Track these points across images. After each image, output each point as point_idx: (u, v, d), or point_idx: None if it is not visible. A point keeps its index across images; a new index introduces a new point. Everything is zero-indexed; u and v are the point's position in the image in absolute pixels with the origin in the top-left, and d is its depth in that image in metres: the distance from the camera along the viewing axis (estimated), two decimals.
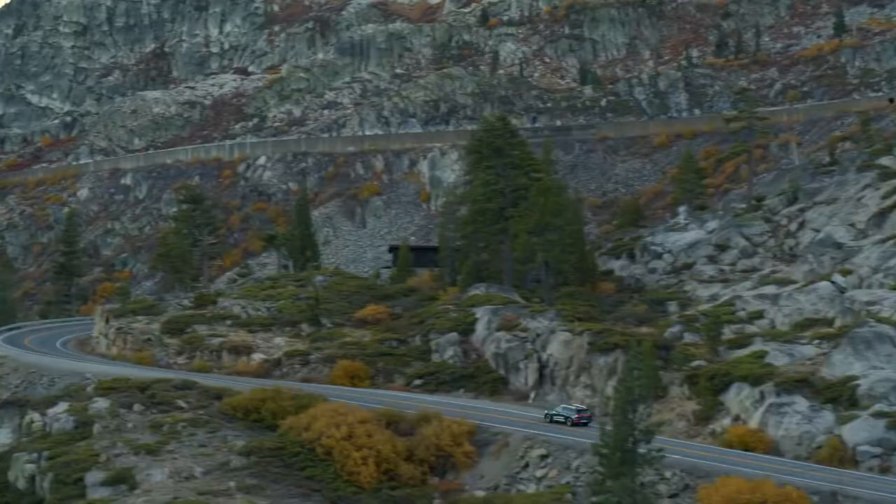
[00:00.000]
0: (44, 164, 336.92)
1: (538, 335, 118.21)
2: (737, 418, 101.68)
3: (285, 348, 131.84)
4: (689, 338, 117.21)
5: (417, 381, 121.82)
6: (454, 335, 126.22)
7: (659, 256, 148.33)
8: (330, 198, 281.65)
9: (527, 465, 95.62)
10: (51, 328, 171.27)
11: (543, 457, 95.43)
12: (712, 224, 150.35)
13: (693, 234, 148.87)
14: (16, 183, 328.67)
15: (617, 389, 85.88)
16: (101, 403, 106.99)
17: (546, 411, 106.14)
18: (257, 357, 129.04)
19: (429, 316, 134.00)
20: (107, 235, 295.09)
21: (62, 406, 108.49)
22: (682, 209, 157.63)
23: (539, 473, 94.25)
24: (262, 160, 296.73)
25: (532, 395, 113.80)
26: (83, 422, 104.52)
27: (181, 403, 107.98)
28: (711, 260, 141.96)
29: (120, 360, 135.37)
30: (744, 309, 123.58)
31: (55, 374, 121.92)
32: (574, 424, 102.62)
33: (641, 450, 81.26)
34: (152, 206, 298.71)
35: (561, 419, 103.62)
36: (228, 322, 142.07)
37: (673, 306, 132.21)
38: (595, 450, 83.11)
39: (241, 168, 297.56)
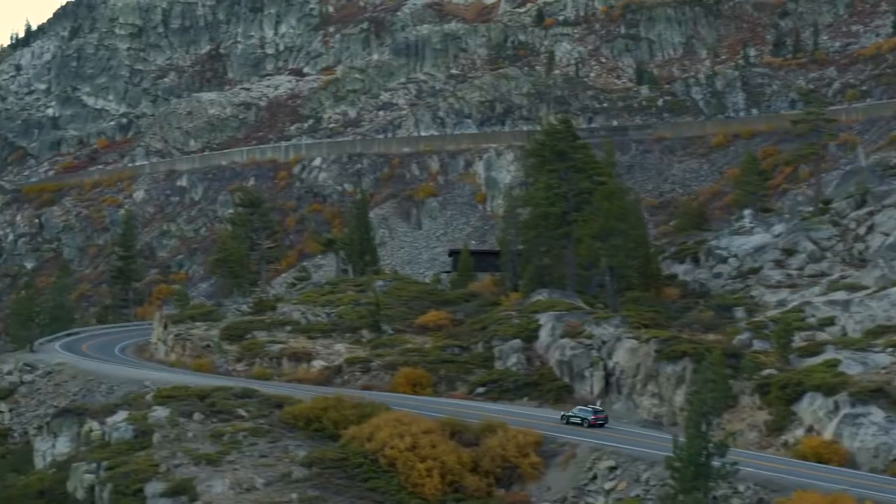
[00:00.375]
0: (100, 166, 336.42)
1: (604, 342, 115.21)
2: (810, 429, 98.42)
3: (346, 355, 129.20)
4: (758, 345, 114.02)
5: (480, 389, 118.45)
6: (517, 342, 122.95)
7: (724, 261, 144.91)
8: (385, 199, 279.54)
9: (595, 477, 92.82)
10: (108, 333, 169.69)
11: (612, 468, 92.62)
12: (778, 227, 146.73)
13: (759, 238, 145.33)
14: (72, 185, 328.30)
15: (690, 401, 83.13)
16: (160, 412, 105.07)
17: (562, 413, 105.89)
18: (317, 364, 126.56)
19: (491, 322, 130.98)
20: (162, 237, 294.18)
21: (121, 415, 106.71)
22: (746, 212, 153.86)
23: (608, 486, 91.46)
24: (317, 161, 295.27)
25: (598, 403, 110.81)
26: (142, 431, 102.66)
27: (241, 412, 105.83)
28: (778, 264, 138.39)
29: (179, 367, 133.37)
30: (814, 315, 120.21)
31: (114, 381, 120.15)
32: (591, 426, 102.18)
33: (715, 463, 78.58)
34: (208, 208, 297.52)
35: (577, 420, 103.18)
36: (288, 328, 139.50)
37: (740, 312, 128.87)
38: (668, 463, 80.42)
39: (296, 169, 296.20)
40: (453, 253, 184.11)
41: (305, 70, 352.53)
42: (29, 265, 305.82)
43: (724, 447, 79.15)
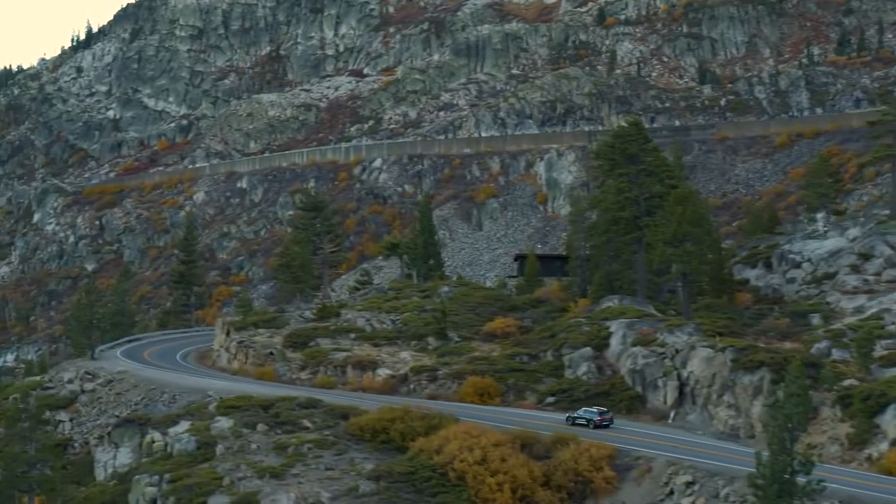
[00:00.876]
0: (160, 168, 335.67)
1: (677, 351, 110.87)
2: (894, 443, 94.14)
3: (412, 363, 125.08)
4: (837, 354, 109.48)
5: (550, 399, 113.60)
6: (588, 350, 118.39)
7: (797, 265, 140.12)
8: (446, 200, 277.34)
9: (671, 493, 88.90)
10: (170, 339, 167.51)
11: (689, 484, 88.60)
12: (853, 231, 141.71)
13: (833, 242, 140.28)
14: (132, 187, 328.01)
15: (773, 416, 79.09)
16: (223, 423, 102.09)
17: (568, 414, 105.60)
18: (383, 373, 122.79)
19: (560, 329, 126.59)
20: (223, 239, 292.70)
21: (184, 425, 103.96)
22: (819, 215, 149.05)
23: (685, 501, 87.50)
24: (377, 162, 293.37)
25: (672, 414, 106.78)
26: (205, 442, 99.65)
27: (306, 423, 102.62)
28: (854, 269, 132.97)
29: (241, 374, 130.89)
30: (894, 323, 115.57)
31: (176, 390, 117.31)
32: (597, 427, 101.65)
33: (800, 480, 74.75)
34: (268, 210, 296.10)
35: (583, 422, 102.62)
36: (352, 335, 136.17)
37: (816, 319, 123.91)
38: (750, 480, 76.59)
39: (356, 171, 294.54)
40: (519, 258, 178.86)
41: (365, 71, 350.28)
42: (90, 267, 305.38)
43: (810, 464, 75.37)
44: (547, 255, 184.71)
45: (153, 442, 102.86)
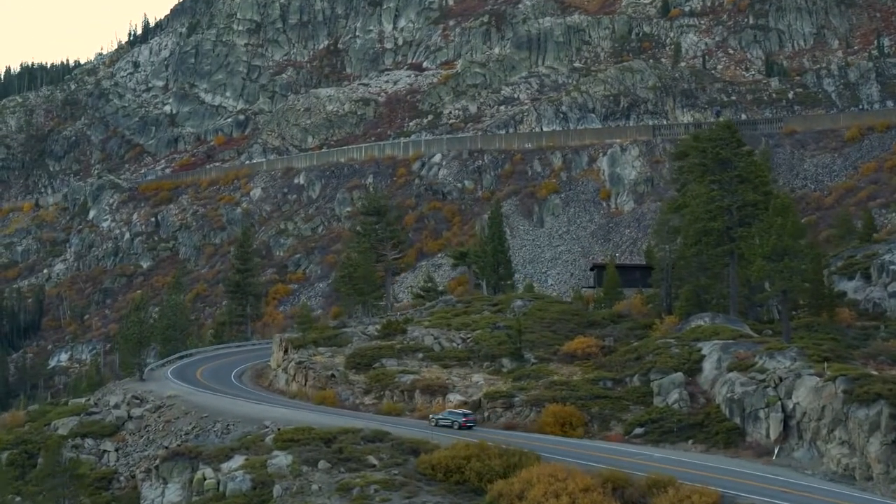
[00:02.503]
0: (216, 164, 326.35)
1: (780, 379, 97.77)
2: None
3: (485, 388, 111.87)
4: None
5: (638, 430, 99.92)
6: (679, 375, 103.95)
7: None
8: (506, 196, 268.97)
9: None
10: (224, 355, 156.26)
11: None
12: None
13: None
14: (188, 183, 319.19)
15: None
16: (281, 459, 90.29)
17: (431, 415, 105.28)
18: (454, 398, 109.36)
19: (647, 351, 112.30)
20: (279, 236, 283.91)
21: (238, 460, 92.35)
22: None
23: None
24: (436, 158, 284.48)
25: (776, 450, 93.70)
26: (261, 481, 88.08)
27: (372, 460, 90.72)
28: None
29: (300, 398, 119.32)
30: None
31: (230, 418, 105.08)
32: (461, 427, 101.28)
33: None
34: (325, 206, 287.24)
35: (447, 423, 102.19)
36: (420, 355, 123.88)
37: None
38: None
39: (415, 166, 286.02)
40: (596, 267, 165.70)
41: (425, 64, 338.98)
42: (145, 264, 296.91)
43: None
44: (626, 264, 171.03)
45: (204, 479, 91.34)
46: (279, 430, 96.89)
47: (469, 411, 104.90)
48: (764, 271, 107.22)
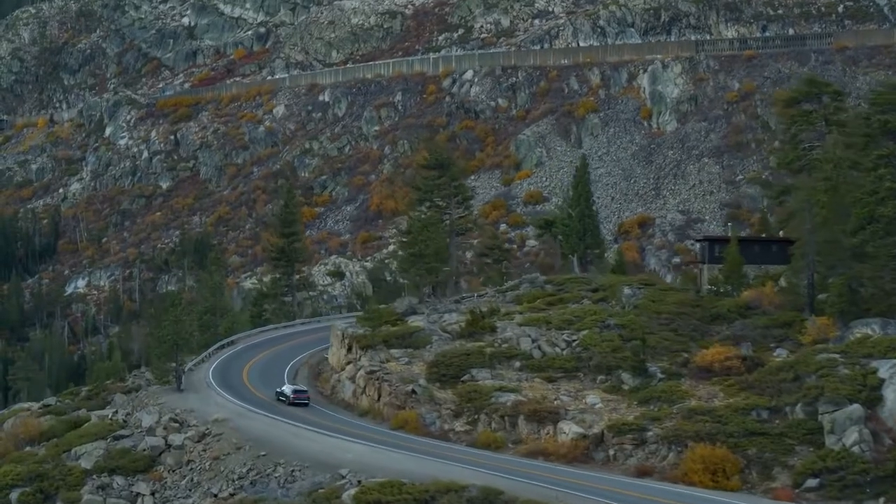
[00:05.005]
0: (237, 79, 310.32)
1: None
2: None
3: (605, 415, 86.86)
4: None
5: (811, 482, 75.76)
6: (857, 408, 78.64)
7: None
8: (542, 115, 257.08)
9: None
10: (271, 342, 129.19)
11: None
12: None
13: None
14: (208, 99, 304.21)
15: None
16: None
17: (277, 389, 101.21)
18: (570, 429, 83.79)
19: (806, 370, 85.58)
20: (304, 156, 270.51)
21: None
22: None
23: None
24: (468, 74, 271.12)
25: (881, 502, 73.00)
26: None
27: None
28: None
29: (373, 417, 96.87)
30: None
31: (295, 459, 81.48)
32: (291, 404, 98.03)
33: None
34: (352, 125, 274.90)
35: (283, 398, 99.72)
36: (516, 363, 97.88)
37: None
38: None
39: (445, 83, 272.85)
40: (708, 240, 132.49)
41: None
42: (164, 185, 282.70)
43: None
44: (749, 238, 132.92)
45: None
46: (360, 483, 75.37)
47: (303, 388, 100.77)
48: None
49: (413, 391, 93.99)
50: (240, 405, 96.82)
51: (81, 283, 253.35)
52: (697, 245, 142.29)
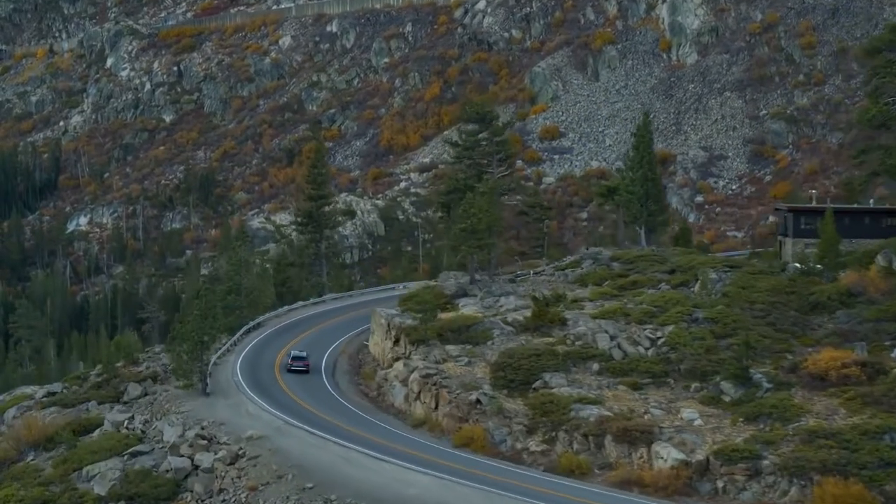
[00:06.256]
0: (241, 8, 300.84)
1: None
2: None
3: (707, 435, 71.01)
4: None
5: None
6: None
7: None
8: (557, 47, 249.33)
9: None
10: (302, 324, 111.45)
11: None
12: None
13: None
14: (212, 29, 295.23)
15: None
16: None
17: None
18: (667, 454, 68.69)
19: None
20: (312, 89, 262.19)
21: None
22: None
23: None
24: (481, 4, 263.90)
25: None
26: None
27: None
28: None
29: (430, 428, 79.87)
30: None
31: (348, 495, 65.59)
32: (288, 370, 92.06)
33: None
34: (361, 57, 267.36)
35: (287, 363, 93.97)
36: (594, 365, 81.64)
37: None
38: None
39: (457, 14, 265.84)
40: (793, 211, 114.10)
41: None
42: (168, 118, 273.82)
43: None
44: (842, 208, 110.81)
45: None
46: None
47: (301, 354, 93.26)
48: None
49: (478, 401, 77.96)
50: (276, 416, 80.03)
51: (83, 220, 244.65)
52: (778, 215, 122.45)
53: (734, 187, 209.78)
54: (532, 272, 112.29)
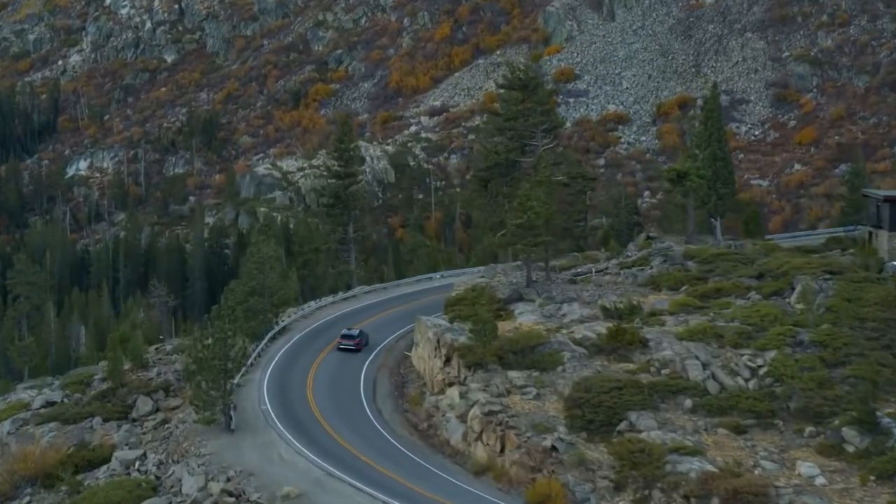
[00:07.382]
0: None
1: None
2: None
3: (835, 500, 57.23)
4: None
5: None
6: None
7: None
8: None
9: None
10: (331, 326, 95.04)
11: None
12: None
13: None
14: None
15: None
16: None
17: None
18: None
19: None
20: (318, 28, 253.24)
21: None
22: None
23: None
24: None
25: None
26: None
27: None
28: None
29: (495, 477, 63.99)
30: None
31: None
32: (338, 349, 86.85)
33: None
34: None
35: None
36: (686, 402, 67.00)
37: None
38: None
39: None
40: (889, 201, 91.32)
41: None
42: (169, 58, 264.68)
43: None
44: None
45: None
46: None
47: (352, 333, 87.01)
48: None
49: (553, 447, 63.27)
50: (315, 463, 64.63)
51: (83, 164, 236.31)
52: (869, 203, 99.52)
53: (757, 133, 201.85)
54: (593, 269, 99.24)
